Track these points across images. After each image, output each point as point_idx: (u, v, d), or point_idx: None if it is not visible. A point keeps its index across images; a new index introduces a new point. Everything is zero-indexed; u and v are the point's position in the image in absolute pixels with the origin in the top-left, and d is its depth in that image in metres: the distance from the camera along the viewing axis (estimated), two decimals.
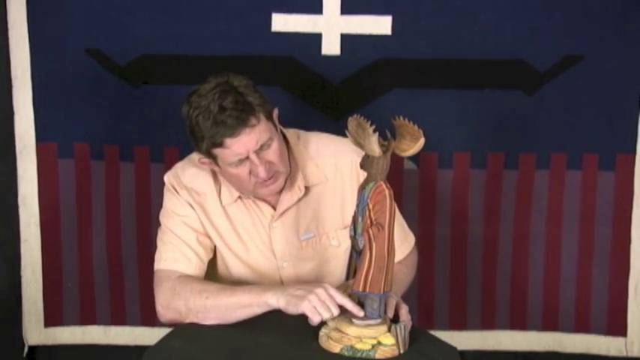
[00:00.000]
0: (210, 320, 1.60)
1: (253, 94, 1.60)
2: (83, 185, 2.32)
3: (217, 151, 1.60)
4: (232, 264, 1.77)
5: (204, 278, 1.74)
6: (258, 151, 1.60)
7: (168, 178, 1.77)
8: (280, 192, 1.72)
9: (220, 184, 1.74)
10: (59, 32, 2.22)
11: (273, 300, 1.54)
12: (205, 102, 1.57)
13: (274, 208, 1.74)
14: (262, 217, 1.75)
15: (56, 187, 2.32)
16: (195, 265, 1.71)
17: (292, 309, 1.51)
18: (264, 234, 1.76)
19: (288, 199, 1.73)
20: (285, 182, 1.71)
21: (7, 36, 2.23)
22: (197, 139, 1.61)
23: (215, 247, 1.77)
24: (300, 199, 1.74)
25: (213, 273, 1.80)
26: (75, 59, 2.23)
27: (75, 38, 2.22)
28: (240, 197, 1.74)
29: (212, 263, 1.78)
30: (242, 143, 1.58)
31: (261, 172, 1.61)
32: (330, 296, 1.50)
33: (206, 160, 1.67)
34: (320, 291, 1.50)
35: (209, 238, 1.75)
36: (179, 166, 1.78)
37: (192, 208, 1.73)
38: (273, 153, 1.63)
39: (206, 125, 1.57)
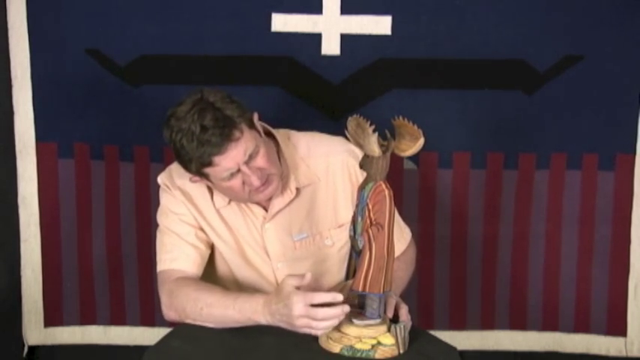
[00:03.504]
0: (207, 326, 1.61)
1: (230, 106, 1.59)
2: (83, 185, 2.32)
3: (208, 170, 1.60)
4: (230, 261, 1.78)
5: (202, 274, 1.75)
6: (247, 162, 1.60)
7: (162, 179, 1.78)
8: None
9: (212, 189, 1.74)
10: (59, 32, 2.22)
11: (264, 322, 1.54)
12: (186, 124, 1.56)
13: (266, 209, 1.75)
14: (255, 220, 1.75)
15: (56, 187, 2.32)
16: (193, 261, 1.72)
17: (290, 329, 1.51)
18: (257, 236, 1.76)
19: (279, 201, 1.73)
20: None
21: (7, 36, 2.23)
22: (185, 162, 1.61)
23: (213, 244, 1.78)
24: (292, 201, 1.74)
25: (210, 270, 1.80)
26: (75, 59, 2.23)
27: (75, 38, 2.22)
28: (231, 201, 1.74)
29: (209, 260, 1.79)
30: (230, 158, 1.58)
31: (255, 181, 1.61)
32: (308, 309, 1.47)
33: (197, 178, 1.67)
34: (297, 316, 1.47)
35: (207, 234, 1.76)
36: (173, 168, 1.78)
37: (187, 207, 1.74)
38: (261, 159, 1.62)
39: (191, 147, 1.56)
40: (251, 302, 1.57)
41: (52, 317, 2.40)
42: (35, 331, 2.40)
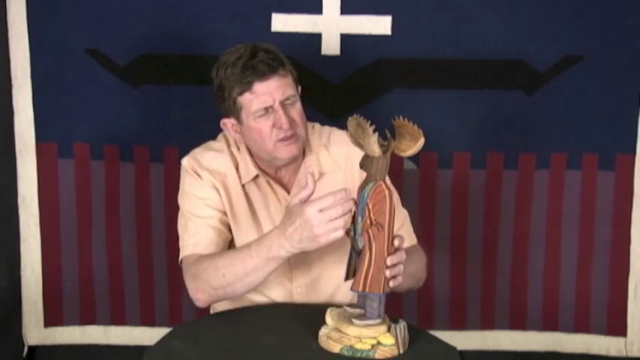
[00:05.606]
0: (238, 291, 1.61)
1: (282, 55, 1.68)
2: (83, 185, 2.32)
3: (244, 98, 1.65)
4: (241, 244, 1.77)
5: None
6: (283, 103, 1.66)
7: (188, 161, 1.77)
8: (295, 174, 1.76)
9: (238, 163, 1.76)
10: (59, 32, 2.22)
11: (285, 254, 1.53)
12: (235, 55, 1.66)
13: (288, 192, 1.77)
14: (276, 200, 1.77)
15: (56, 187, 2.32)
16: (216, 245, 1.72)
17: (313, 248, 1.51)
18: (276, 217, 1.77)
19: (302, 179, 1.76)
20: (302, 157, 1.75)
21: (7, 36, 2.23)
22: (224, 91, 1.67)
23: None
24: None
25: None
26: (75, 59, 2.23)
27: (75, 38, 2.22)
28: (257, 176, 1.76)
29: None
30: (269, 90, 1.64)
31: (284, 124, 1.65)
32: (323, 213, 1.47)
33: (229, 120, 1.71)
34: (317, 224, 1.46)
35: (228, 219, 1.76)
36: (197, 151, 1.79)
37: (217, 189, 1.74)
38: (296, 112, 1.69)
39: (235, 71, 1.64)
40: (264, 241, 1.55)
41: (52, 317, 2.40)
42: (35, 331, 2.40)
